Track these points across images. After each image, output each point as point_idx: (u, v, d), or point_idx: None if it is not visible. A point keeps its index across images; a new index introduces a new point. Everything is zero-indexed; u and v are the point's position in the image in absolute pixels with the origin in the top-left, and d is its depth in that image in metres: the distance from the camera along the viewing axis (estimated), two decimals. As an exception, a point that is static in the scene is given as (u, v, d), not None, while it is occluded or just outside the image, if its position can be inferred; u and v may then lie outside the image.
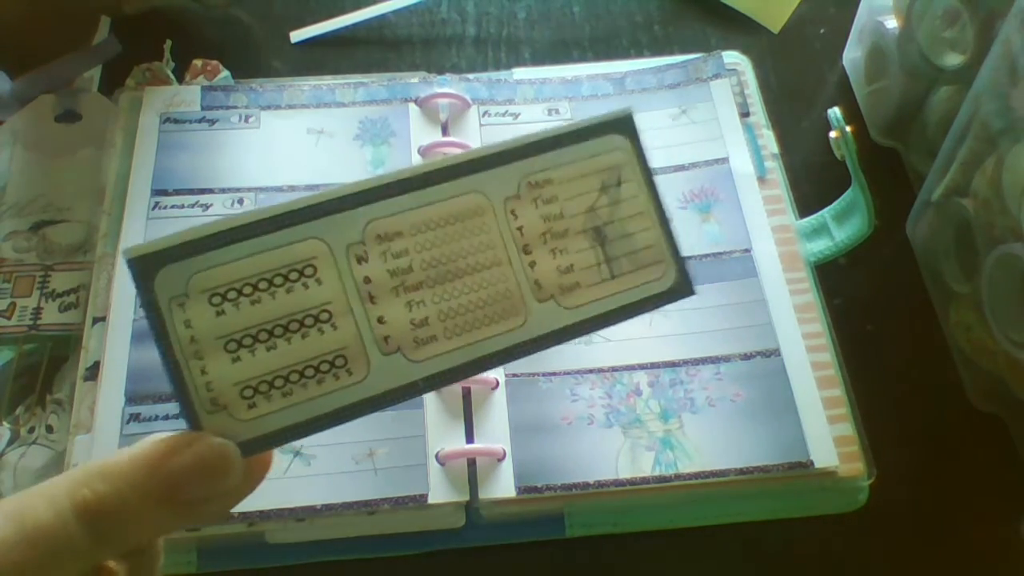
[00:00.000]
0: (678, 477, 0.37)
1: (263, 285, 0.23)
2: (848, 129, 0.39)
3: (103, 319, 0.39)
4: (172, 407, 0.37)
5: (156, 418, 0.37)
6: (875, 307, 0.44)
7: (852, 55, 0.51)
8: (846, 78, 0.51)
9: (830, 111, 0.40)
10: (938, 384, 0.42)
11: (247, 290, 0.23)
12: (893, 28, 0.46)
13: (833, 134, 0.39)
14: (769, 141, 0.46)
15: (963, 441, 0.41)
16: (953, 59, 0.42)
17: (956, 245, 0.42)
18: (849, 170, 0.41)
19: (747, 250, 0.42)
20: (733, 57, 0.48)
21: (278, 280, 0.23)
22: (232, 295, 0.23)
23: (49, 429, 0.39)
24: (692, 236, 0.43)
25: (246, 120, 0.45)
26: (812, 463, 0.37)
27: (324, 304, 0.23)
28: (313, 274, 0.23)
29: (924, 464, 0.41)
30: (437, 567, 0.37)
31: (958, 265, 0.42)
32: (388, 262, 0.24)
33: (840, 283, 0.44)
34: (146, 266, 0.22)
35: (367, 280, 0.23)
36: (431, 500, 0.36)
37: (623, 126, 0.26)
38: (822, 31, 0.53)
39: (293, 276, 0.23)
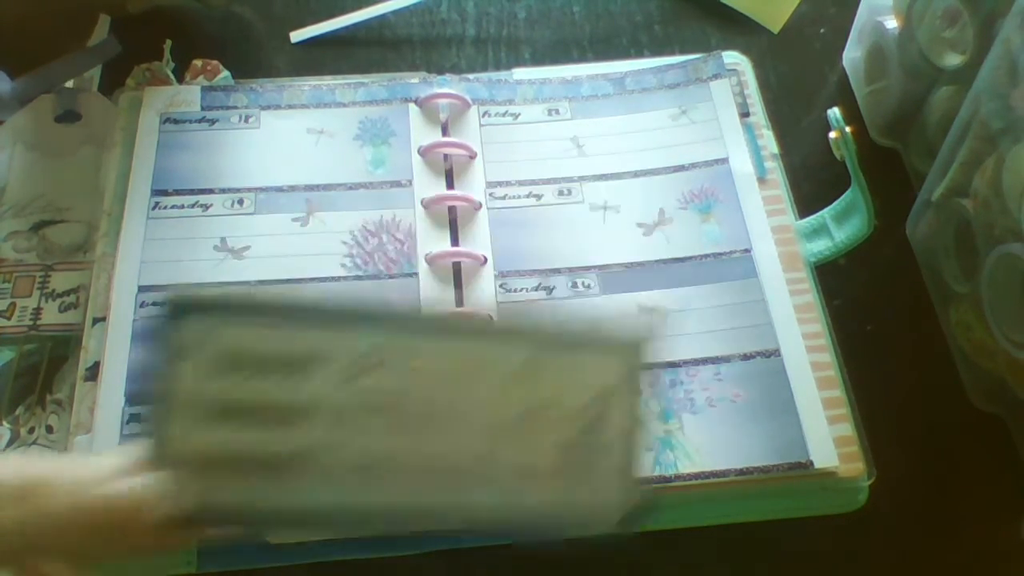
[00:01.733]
0: (678, 477, 0.37)
1: (265, 366, 0.24)
2: (848, 129, 0.39)
3: (103, 319, 0.39)
4: (172, 407, 0.37)
5: (156, 418, 0.37)
6: (875, 307, 0.44)
7: (852, 55, 0.51)
8: (846, 78, 0.51)
9: (830, 111, 0.40)
10: (938, 384, 0.42)
11: (250, 364, 0.23)
12: (893, 28, 0.46)
13: (833, 134, 0.39)
14: (769, 141, 0.46)
15: (963, 441, 0.41)
16: (953, 59, 0.42)
17: (956, 245, 0.42)
18: (849, 170, 0.41)
19: (747, 250, 0.42)
20: (733, 57, 0.48)
21: (279, 367, 0.24)
22: (236, 364, 0.23)
23: (49, 429, 0.39)
24: (692, 236, 0.43)
25: (246, 120, 0.45)
26: (812, 463, 0.37)
27: (308, 404, 0.24)
28: (310, 373, 0.24)
29: (924, 464, 0.41)
30: (437, 567, 0.37)
31: (958, 265, 0.42)
32: (376, 386, 0.24)
33: (840, 283, 0.44)
34: (178, 310, 0.23)
35: (353, 396, 0.24)
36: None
37: (634, 352, 0.26)
38: (822, 31, 0.53)
39: (293, 369, 0.24)
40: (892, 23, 0.46)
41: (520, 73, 0.49)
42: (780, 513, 0.38)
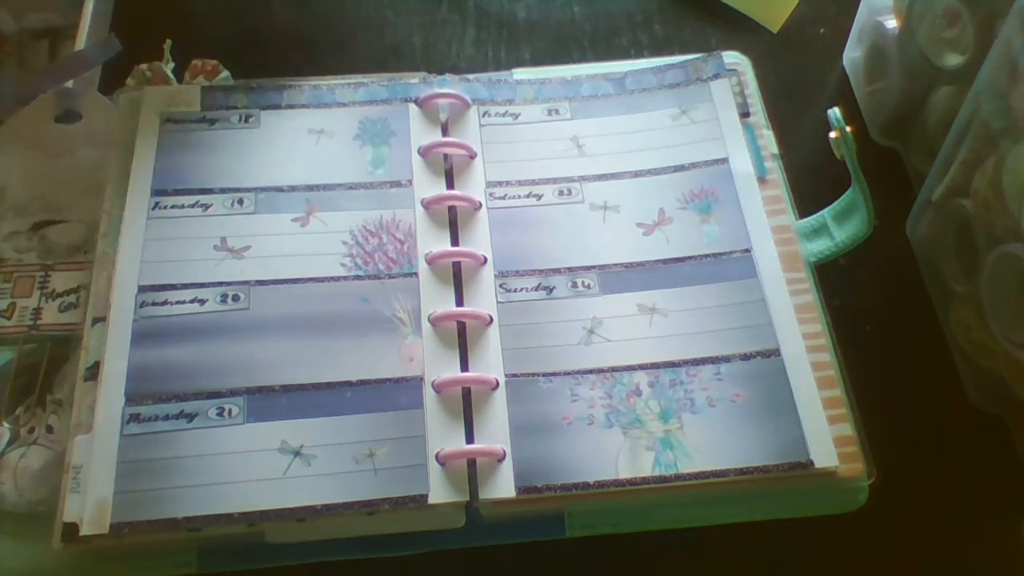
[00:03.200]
0: (678, 477, 0.37)
1: None
2: (848, 129, 0.39)
3: (103, 319, 0.39)
4: (172, 407, 0.37)
5: (156, 418, 0.37)
6: (875, 307, 0.44)
7: (852, 55, 0.51)
8: (846, 78, 0.51)
9: (830, 111, 0.39)
10: (938, 384, 0.42)
11: None
12: (893, 28, 0.46)
13: (833, 134, 0.39)
14: (769, 142, 0.46)
15: (963, 441, 0.41)
16: (953, 59, 0.42)
17: (956, 245, 0.42)
18: (849, 170, 0.40)
19: (747, 250, 0.42)
20: (733, 57, 0.48)
21: None
22: None
23: (49, 429, 0.39)
24: (692, 236, 0.43)
25: (246, 120, 0.45)
26: (812, 463, 0.37)
27: None
28: None
29: (924, 464, 0.41)
30: (437, 567, 0.37)
31: (958, 265, 0.42)
32: None
33: (840, 283, 0.44)
34: None
35: None
36: (431, 500, 0.36)
37: None
38: (822, 31, 0.53)
39: None
40: (892, 23, 0.46)
41: (520, 73, 0.49)
42: (780, 513, 0.37)
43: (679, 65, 0.48)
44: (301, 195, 0.43)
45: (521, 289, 0.41)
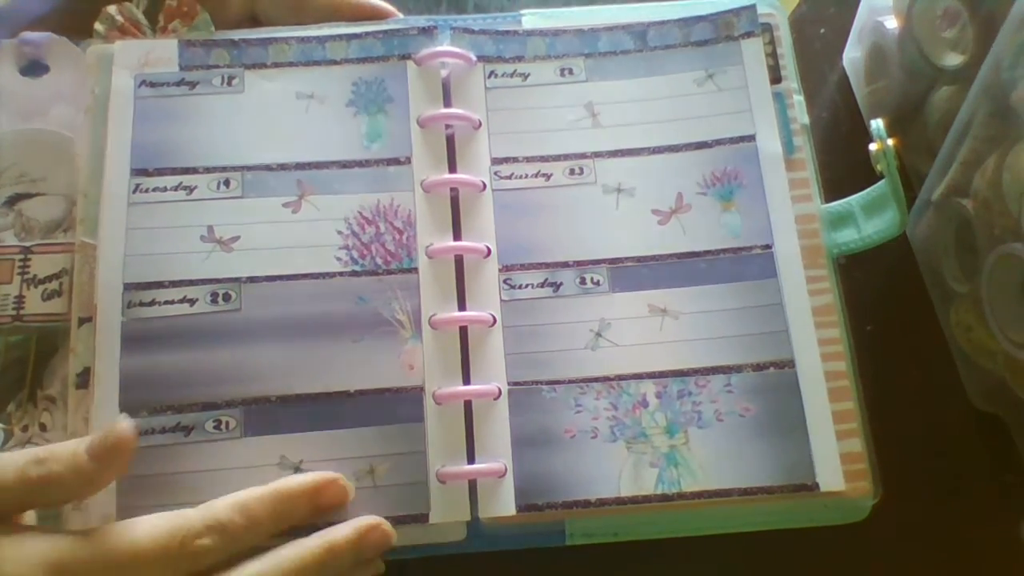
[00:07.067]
0: (680, 496, 0.36)
1: None
2: (890, 142, 0.35)
3: (89, 319, 0.38)
4: (168, 419, 0.36)
5: (153, 431, 0.36)
6: (875, 307, 0.43)
7: (852, 55, 0.49)
8: (846, 78, 0.49)
9: (873, 122, 0.36)
10: (938, 384, 0.42)
11: None
12: (893, 28, 0.44)
13: (873, 146, 0.36)
14: (800, 111, 0.42)
15: (963, 441, 0.41)
16: (953, 59, 0.41)
17: (956, 245, 0.41)
18: (888, 184, 0.38)
19: (768, 246, 0.40)
20: (767, 6, 0.43)
21: None
22: None
23: (43, 427, 0.38)
24: (710, 227, 0.40)
25: (229, 82, 0.41)
26: (817, 486, 0.36)
27: None
28: None
29: (924, 464, 0.41)
30: (439, 567, 0.38)
31: (958, 265, 0.41)
32: None
33: (840, 283, 0.42)
34: None
35: None
36: (432, 520, 0.36)
37: None
38: (822, 31, 0.51)
39: None
40: (892, 23, 0.44)
41: (530, 19, 0.44)
42: (778, 524, 0.37)
43: (708, 18, 0.43)
44: (291, 175, 0.40)
45: (526, 285, 0.39)
